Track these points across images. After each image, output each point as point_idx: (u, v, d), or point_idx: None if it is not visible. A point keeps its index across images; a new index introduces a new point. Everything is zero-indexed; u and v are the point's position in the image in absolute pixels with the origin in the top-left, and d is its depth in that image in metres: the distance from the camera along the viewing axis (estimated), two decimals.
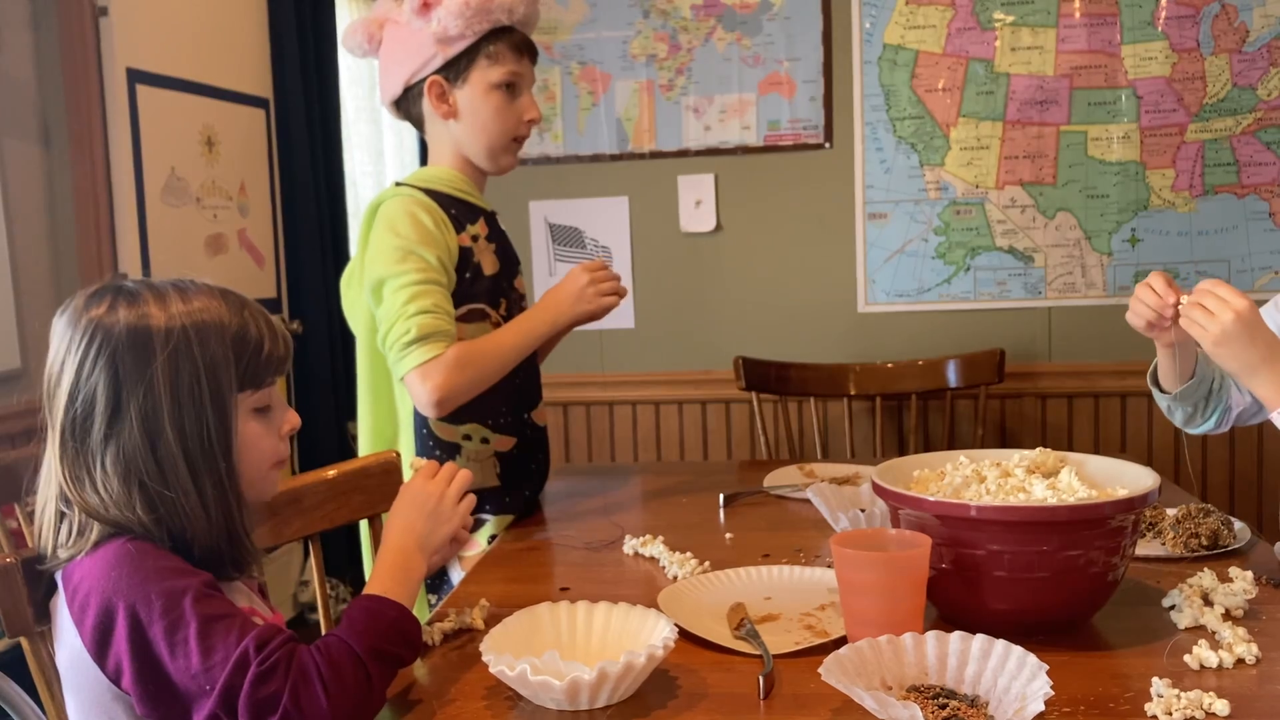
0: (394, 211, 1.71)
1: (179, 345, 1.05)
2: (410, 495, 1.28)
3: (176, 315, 1.06)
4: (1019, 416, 2.82)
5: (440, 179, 1.81)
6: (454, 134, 1.81)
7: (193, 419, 1.06)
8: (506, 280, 1.86)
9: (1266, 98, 2.64)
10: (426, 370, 1.63)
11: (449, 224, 1.75)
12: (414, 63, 1.77)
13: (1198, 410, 1.64)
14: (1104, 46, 2.67)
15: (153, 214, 2.84)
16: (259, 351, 1.10)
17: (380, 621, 1.09)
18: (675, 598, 1.37)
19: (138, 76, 2.80)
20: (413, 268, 1.66)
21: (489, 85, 1.77)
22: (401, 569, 1.20)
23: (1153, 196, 2.70)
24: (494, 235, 1.85)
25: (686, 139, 2.83)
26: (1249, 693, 1.09)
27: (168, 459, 1.05)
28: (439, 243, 1.71)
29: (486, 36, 1.75)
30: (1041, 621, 1.23)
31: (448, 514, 1.28)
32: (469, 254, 1.77)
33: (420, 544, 1.24)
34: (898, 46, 2.74)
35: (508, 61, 1.78)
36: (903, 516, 1.29)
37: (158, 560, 1.03)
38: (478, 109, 1.78)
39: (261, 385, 1.12)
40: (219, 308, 1.09)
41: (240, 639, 0.99)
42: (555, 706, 1.09)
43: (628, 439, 2.94)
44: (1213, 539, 1.52)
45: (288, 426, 1.17)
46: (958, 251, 2.78)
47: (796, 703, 1.10)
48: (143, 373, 1.04)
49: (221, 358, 1.07)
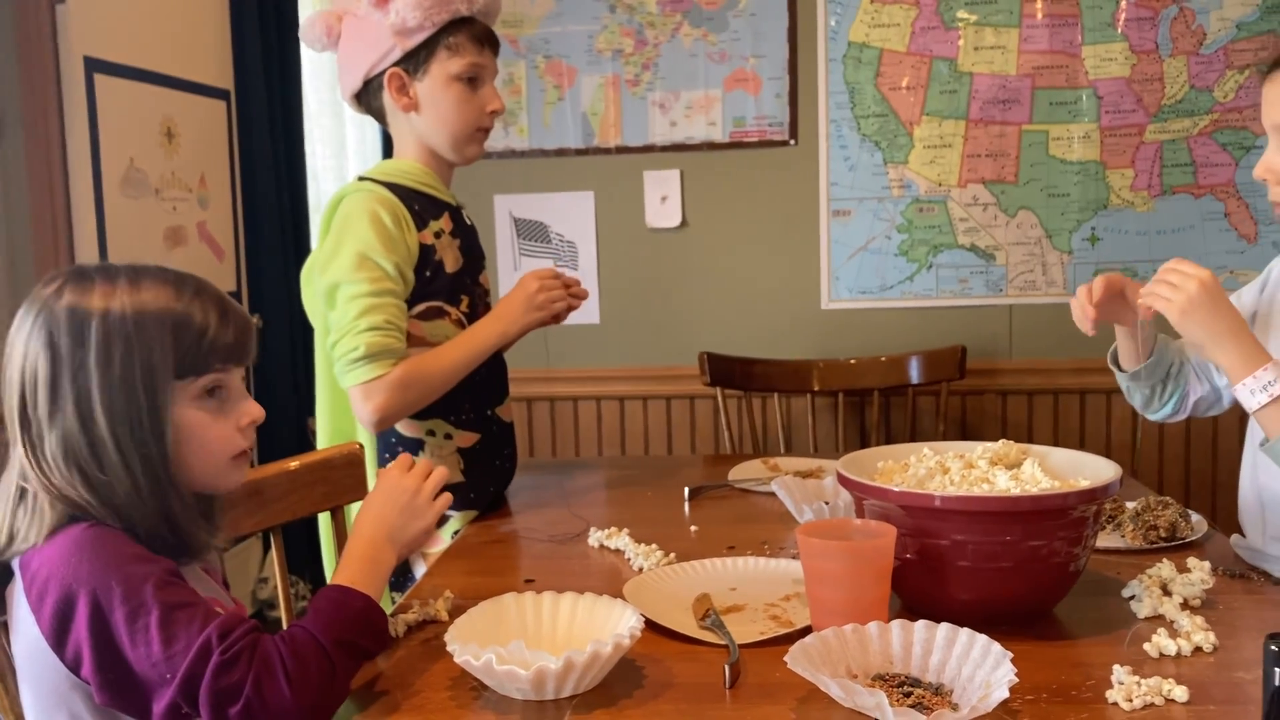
0: (354, 209, 1.69)
1: (113, 329, 1.05)
2: (385, 487, 1.27)
3: (118, 300, 1.06)
4: (980, 413, 2.85)
5: (404, 172, 1.79)
6: (416, 126, 1.79)
7: (123, 403, 1.04)
8: (470, 276, 1.84)
9: (1223, 100, 2.68)
10: (369, 389, 1.63)
11: (410, 222, 1.73)
12: (373, 55, 1.75)
13: (1155, 393, 1.66)
14: (1065, 47, 2.70)
15: (111, 206, 2.80)
16: (200, 338, 1.08)
17: (347, 612, 1.08)
18: (640, 589, 1.37)
19: (96, 66, 2.76)
20: (367, 276, 1.64)
21: (449, 77, 1.75)
22: (371, 560, 1.19)
23: (1112, 196, 2.73)
24: (458, 230, 1.83)
25: (652, 134, 2.83)
26: (1207, 680, 1.10)
27: (100, 442, 1.04)
28: (398, 246, 1.68)
29: (446, 27, 1.74)
30: (1004, 611, 1.24)
31: (422, 509, 1.28)
32: (430, 252, 1.75)
33: (391, 536, 1.23)
34: (862, 45, 2.75)
35: (468, 53, 1.76)
36: (867, 507, 1.30)
37: (119, 546, 1.02)
38: (438, 101, 1.76)
39: (206, 372, 1.09)
40: (165, 293, 1.08)
41: (203, 627, 0.98)
42: (521, 696, 1.08)
43: (592, 434, 2.94)
44: (1171, 531, 1.55)
45: (247, 419, 1.14)
46: (920, 249, 2.80)
47: (762, 692, 1.10)
48: (77, 354, 1.04)
49: (158, 343, 1.05)
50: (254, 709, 0.97)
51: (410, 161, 1.81)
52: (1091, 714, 1.03)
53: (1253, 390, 1.30)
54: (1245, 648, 1.18)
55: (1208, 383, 1.67)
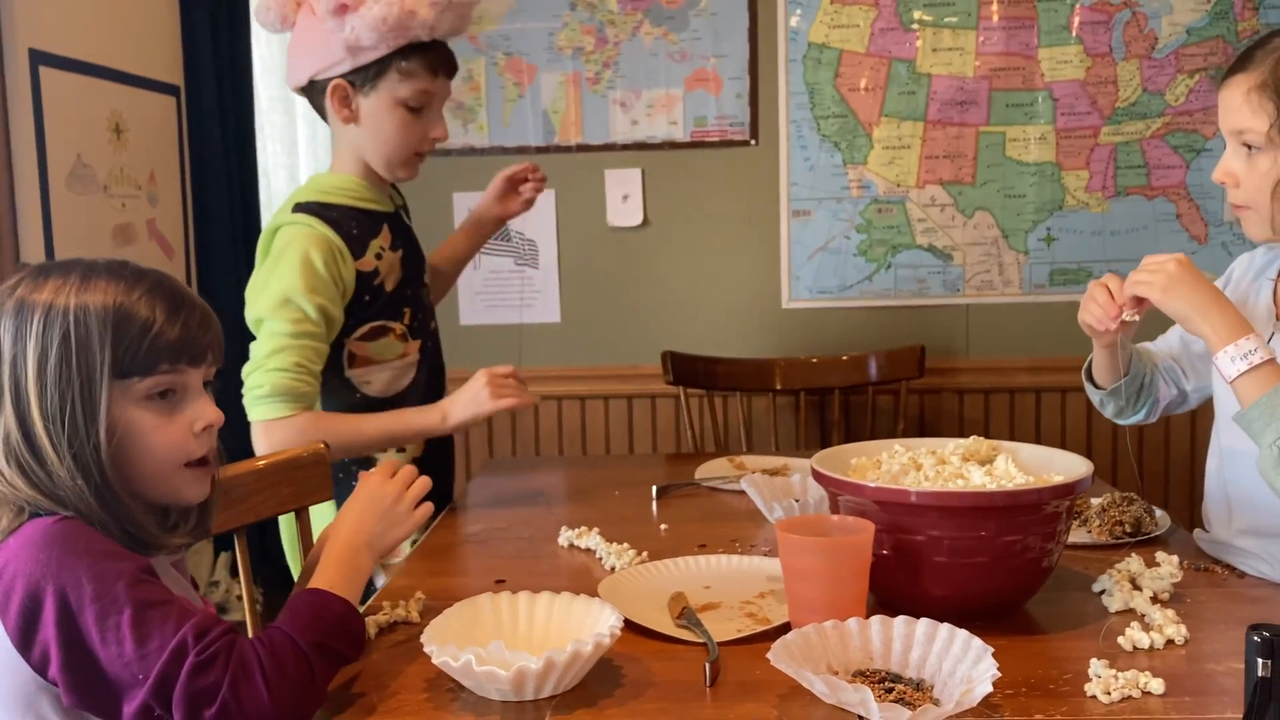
0: (287, 247, 1.67)
1: (53, 324, 1.02)
2: (367, 492, 1.26)
3: (65, 295, 1.03)
4: (938, 411, 2.87)
5: (340, 189, 1.76)
6: (353, 138, 1.76)
7: (56, 401, 1.01)
8: (411, 288, 1.83)
9: (1174, 103, 2.73)
10: (269, 428, 1.62)
11: (346, 254, 1.70)
12: (321, 61, 1.72)
13: (1129, 403, 1.67)
14: (1021, 49, 2.73)
15: (57, 202, 2.73)
16: (143, 335, 1.03)
17: (325, 616, 1.06)
18: (614, 588, 1.36)
19: (41, 58, 2.69)
20: (288, 318, 1.63)
21: (395, 100, 1.71)
22: (350, 565, 1.17)
23: (1067, 197, 2.77)
24: (398, 239, 1.81)
25: (613, 133, 2.82)
26: (1180, 671, 1.12)
27: (36, 439, 1.01)
28: (324, 288, 1.66)
29: (402, 49, 1.69)
30: (979, 607, 1.25)
31: (402, 517, 1.26)
32: (371, 277, 1.73)
33: (370, 542, 1.22)
34: (822, 45, 2.76)
35: (420, 80, 1.71)
36: (842, 503, 1.30)
37: (90, 542, 0.98)
38: (381, 121, 1.72)
39: (152, 372, 1.04)
40: (114, 290, 1.04)
41: (178, 627, 0.95)
42: (499, 697, 1.06)
43: (553, 434, 2.92)
44: (1136, 526, 1.57)
45: (201, 423, 1.08)
46: (879, 249, 2.82)
47: (743, 689, 1.09)
48: (16, 347, 1.02)
49: (97, 341, 1.02)
50: (230, 712, 0.94)
51: (345, 176, 1.78)
52: (1071, 707, 1.04)
53: (1233, 358, 1.31)
54: (1215, 639, 1.20)
55: (1175, 386, 1.69)
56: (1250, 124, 1.36)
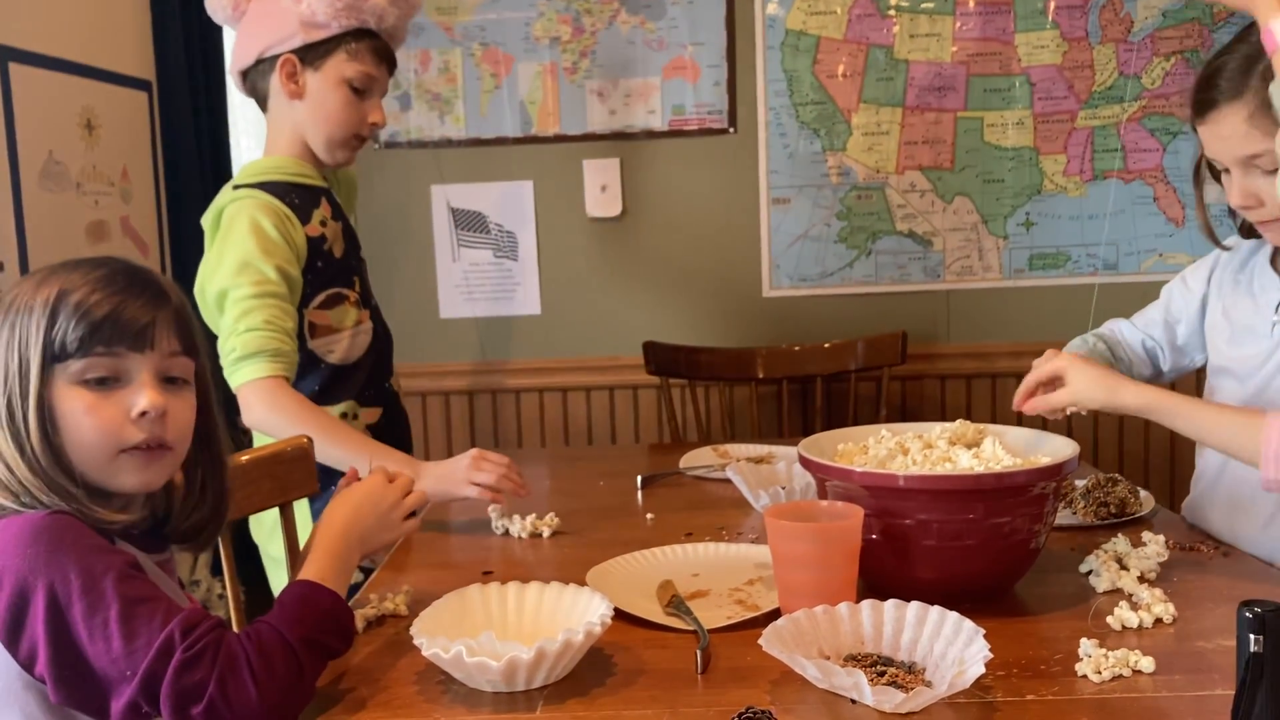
0: (235, 218, 1.71)
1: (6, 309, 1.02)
2: (366, 489, 1.26)
3: (26, 284, 1.04)
4: (920, 397, 2.87)
5: (275, 168, 1.81)
6: (296, 116, 1.81)
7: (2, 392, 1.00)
8: (355, 257, 1.90)
9: (1150, 86, 2.73)
10: (247, 391, 1.63)
11: (294, 219, 1.75)
12: (273, 37, 1.78)
13: None
14: (998, 34, 2.73)
15: (29, 200, 2.70)
16: (77, 316, 1.00)
17: (315, 610, 1.05)
18: (603, 577, 1.35)
19: (10, 54, 2.65)
20: (248, 280, 1.66)
21: (341, 78, 1.78)
22: (341, 558, 1.16)
23: (1045, 181, 2.77)
24: (337, 214, 1.87)
25: (591, 123, 2.80)
26: (1170, 649, 1.12)
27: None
28: (279, 250, 1.70)
29: (352, 32, 1.77)
30: (968, 589, 1.25)
31: (395, 523, 1.27)
32: (320, 242, 1.78)
33: (362, 540, 1.21)
34: (800, 32, 2.76)
35: (366, 63, 1.79)
36: (830, 489, 1.30)
37: (77, 537, 0.97)
38: (325, 98, 1.78)
39: (87, 354, 1.01)
40: (69, 277, 1.03)
41: (165, 623, 0.94)
42: (491, 688, 1.06)
43: (535, 426, 2.91)
44: (1121, 507, 1.57)
45: (136, 409, 1.02)
46: (859, 235, 2.82)
47: (735, 676, 1.09)
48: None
49: (35, 325, 1.00)
50: (218, 709, 0.93)
51: (281, 156, 1.83)
52: (1063, 687, 1.04)
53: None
54: (1203, 617, 1.21)
55: (1148, 362, 1.70)
56: (1262, 147, 1.34)
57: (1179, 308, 1.66)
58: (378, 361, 1.89)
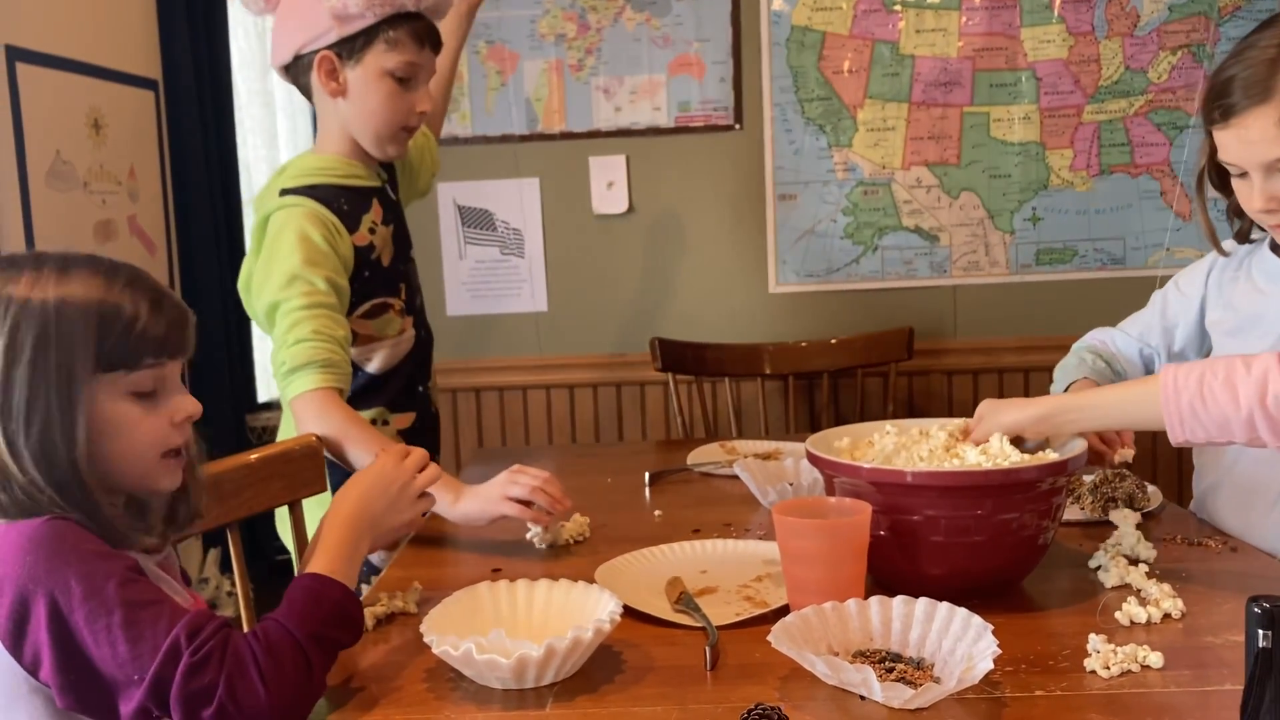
0: (282, 229, 1.65)
1: (30, 319, 0.99)
2: (375, 473, 1.22)
3: (42, 289, 1.01)
4: (926, 393, 2.87)
5: (323, 169, 1.74)
6: (341, 113, 1.74)
7: (24, 399, 0.98)
8: (403, 261, 1.84)
9: (1157, 80, 2.73)
10: (299, 403, 1.57)
11: (341, 229, 1.69)
12: (307, 33, 1.69)
13: None
14: (1004, 29, 2.73)
15: (37, 199, 2.70)
16: (129, 330, 1.02)
17: (323, 605, 1.04)
18: (611, 574, 1.36)
19: (18, 54, 2.66)
20: (298, 292, 1.60)
21: (382, 71, 1.69)
22: (350, 545, 1.14)
23: (1052, 176, 2.77)
24: (388, 215, 1.81)
25: (597, 120, 2.80)
26: (1178, 644, 1.12)
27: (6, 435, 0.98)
28: (328, 261, 1.65)
29: (389, 19, 1.68)
30: (976, 585, 1.25)
31: (407, 503, 1.24)
32: (368, 251, 1.73)
33: (373, 524, 1.19)
34: (805, 28, 2.75)
35: (407, 50, 1.70)
36: (838, 485, 1.30)
37: (78, 542, 0.97)
38: (367, 93, 1.70)
39: (137, 366, 1.04)
40: (94, 284, 1.03)
41: (170, 627, 0.94)
42: (500, 685, 1.06)
43: (542, 423, 2.91)
44: (1128, 502, 1.57)
45: (181, 414, 1.08)
46: (866, 231, 2.82)
47: (744, 672, 1.09)
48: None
49: (80, 336, 1.00)
50: (228, 711, 0.93)
51: (330, 156, 1.76)
52: (1071, 682, 1.04)
53: None
54: (1212, 612, 1.21)
55: (1141, 369, 1.69)
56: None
57: (1175, 312, 1.65)
58: (417, 368, 1.84)
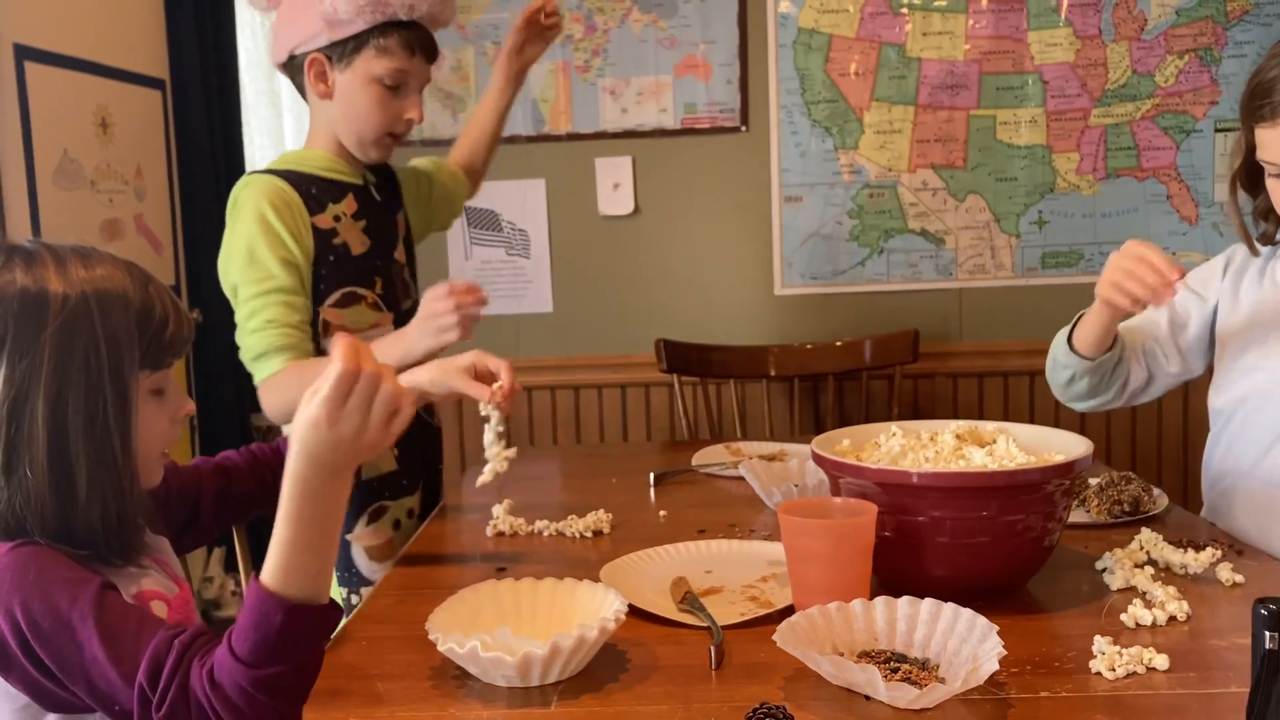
0: (243, 204, 1.66)
1: (76, 313, 0.97)
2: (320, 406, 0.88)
3: (77, 281, 0.98)
4: (931, 396, 2.87)
5: (305, 160, 1.76)
6: (329, 113, 1.74)
7: (79, 395, 0.96)
8: (381, 257, 1.80)
9: (1164, 84, 2.73)
10: (263, 389, 1.62)
11: (300, 208, 1.68)
12: (299, 35, 1.71)
13: (1103, 380, 1.64)
14: (1011, 32, 2.73)
15: (44, 197, 2.71)
16: (163, 330, 1.03)
17: (267, 634, 0.88)
18: (616, 573, 1.36)
19: (26, 53, 2.66)
20: (254, 277, 1.62)
21: (370, 76, 1.69)
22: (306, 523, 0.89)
23: (1058, 179, 2.77)
24: (365, 210, 1.79)
25: (603, 121, 2.81)
26: (1184, 647, 1.12)
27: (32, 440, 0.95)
28: (281, 239, 1.64)
29: (381, 26, 1.67)
30: (981, 587, 1.25)
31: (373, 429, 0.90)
32: (329, 235, 1.71)
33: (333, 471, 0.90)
34: (812, 30, 2.76)
35: (396, 58, 1.69)
36: (843, 485, 1.30)
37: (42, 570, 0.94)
38: (354, 97, 1.71)
39: (160, 366, 1.04)
40: (123, 279, 1.01)
41: (133, 664, 0.90)
42: (506, 683, 1.06)
43: (547, 424, 2.91)
44: (1134, 505, 1.57)
45: (183, 412, 1.08)
46: (871, 234, 2.82)
47: (748, 672, 1.09)
48: (30, 341, 0.95)
49: (124, 333, 0.99)
50: None
51: (316, 150, 1.77)
52: (1076, 684, 1.04)
53: None
54: (1217, 615, 1.21)
55: (1145, 369, 1.67)
56: None
57: (1186, 309, 1.63)
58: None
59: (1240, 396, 1.55)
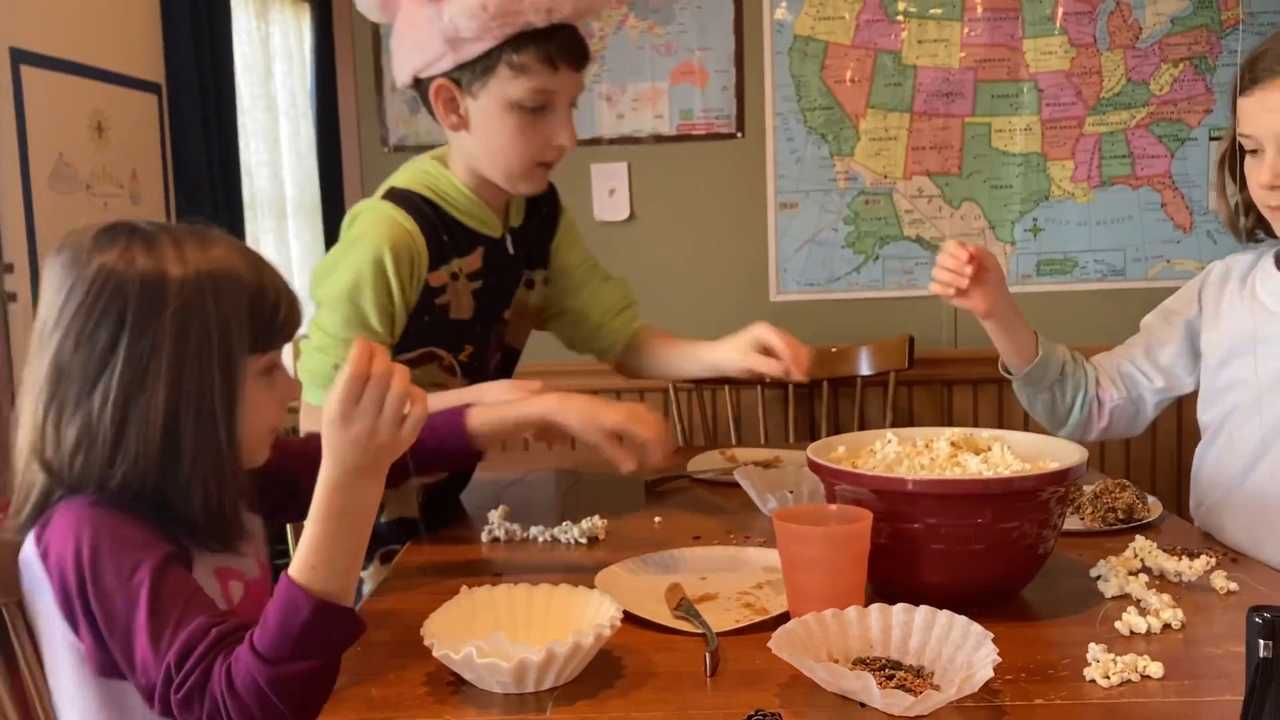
0: (361, 236, 1.47)
1: (192, 297, 0.99)
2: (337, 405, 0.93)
3: (194, 264, 1.00)
4: (926, 403, 2.88)
5: (449, 198, 1.53)
6: (465, 146, 1.51)
7: (194, 378, 0.98)
8: (483, 322, 1.61)
9: (1158, 93, 2.74)
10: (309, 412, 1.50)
11: (423, 261, 1.49)
12: (420, 57, 1.47)
13: (1056, 398, 1.64)
14: (1006, 40, 2.74)
15: (39, 201, 2.71)
16: (275, 313, 1.04)
17: (290, 629, 0.92)
18: (611, 580, 1.35)
19: (22, 57, 2.66)
20: (348, 318, 1.46)
21: (508, 102, 1.44)
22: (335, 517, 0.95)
23: (1053, 187, 2.78)
24: (487, 269, 1.58)
25: (600, 127, 2.81)
26: (1179, 655, 1.12)
27: (146, 418, 0.97)
28: (389, 292, 1.47)
29: (514, 40, 1.41)
30: (975, 594, 1.25)
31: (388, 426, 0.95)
32: (434, 294, 1.52)
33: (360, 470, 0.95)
34: (808, 37, 2.76)
35: (536, 75, 1.43)
36: (839, 492, 1.30)
37: (119, 529, 0.97)
38: (492, 128, 1.46)
39: (271, 347, 1.06)
40: (238, 261, 1.03)
41: (170, 644, 0.94)
42: (501, 689, 1.06)
43: None
44: (1129, 512, 1.57)
45: (292, 395, 1.12)
46: (867, 241, 2.82)
47: (744, 679, 1.09)
48: (148, 325, 0.97)
49: (236, 316, 1.00)
50: None
51: (456, 182, 1.53)
52: (1070, 692, 1.04)
53: None
54: (1212, 623, 1.21)
55: (1124, 389, 1.66)
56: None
57: (1162, 333, 1.64)
58: None
59: (1226, 410, 1.56)
